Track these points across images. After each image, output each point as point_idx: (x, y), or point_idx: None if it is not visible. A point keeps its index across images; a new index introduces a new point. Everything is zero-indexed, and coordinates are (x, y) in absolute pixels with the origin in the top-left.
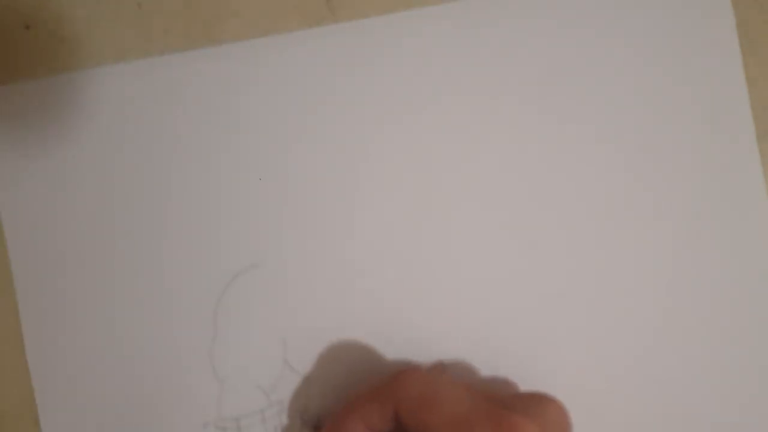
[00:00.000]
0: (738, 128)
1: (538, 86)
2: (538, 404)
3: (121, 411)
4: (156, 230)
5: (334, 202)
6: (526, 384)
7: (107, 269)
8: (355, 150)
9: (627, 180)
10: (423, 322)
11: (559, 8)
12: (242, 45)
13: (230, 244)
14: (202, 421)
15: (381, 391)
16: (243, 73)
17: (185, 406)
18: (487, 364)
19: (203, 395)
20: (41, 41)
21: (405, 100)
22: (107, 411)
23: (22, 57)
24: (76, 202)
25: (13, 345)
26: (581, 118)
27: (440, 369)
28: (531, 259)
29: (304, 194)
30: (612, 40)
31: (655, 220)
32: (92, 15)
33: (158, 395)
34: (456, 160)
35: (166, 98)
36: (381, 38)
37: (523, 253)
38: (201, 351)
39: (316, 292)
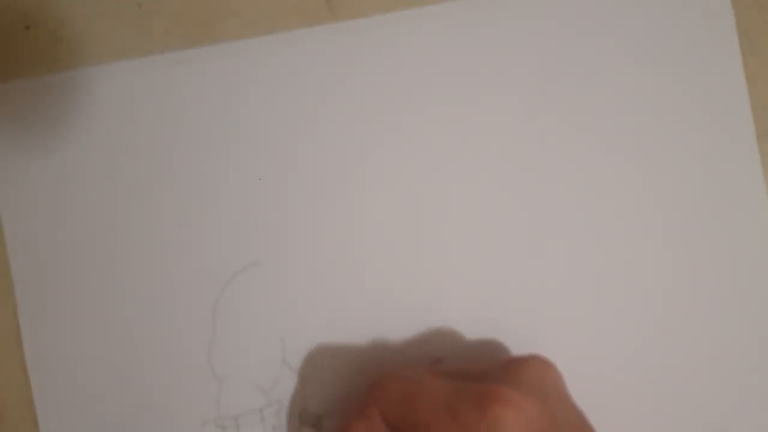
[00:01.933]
0: (738, 128)
1: (538, 85)
2: (517, 367)
3: (120, 410)
4: (155, 229)
5: (334, 201)
6: None
7: (106, 268)
8: (355, 149)
9: (627, 179)
10: (422, 321)
11: (558, 8)
12: (242, 44)
13: (229, 243)
14: (201, 420)
15: (363, 407)
16: (243, 72)
17: (184, 405)
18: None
19: (202, 394)
20: (41, 41)
21: (405, 99)
22: (106, 410)
23: (22, 57)
24: (76, 200)
25: (12, 344)
26: (581, 117)
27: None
28: (531, 258)
29: (303, 193)
30: (612, 40)
31: (654, 219)
32: (92, 15)
33: (157, 394)
34: (456, 159)
35: (166, 97)
36: (381, 37)
37: (523, 251)
38: (200, 350)
39: (315, 292)
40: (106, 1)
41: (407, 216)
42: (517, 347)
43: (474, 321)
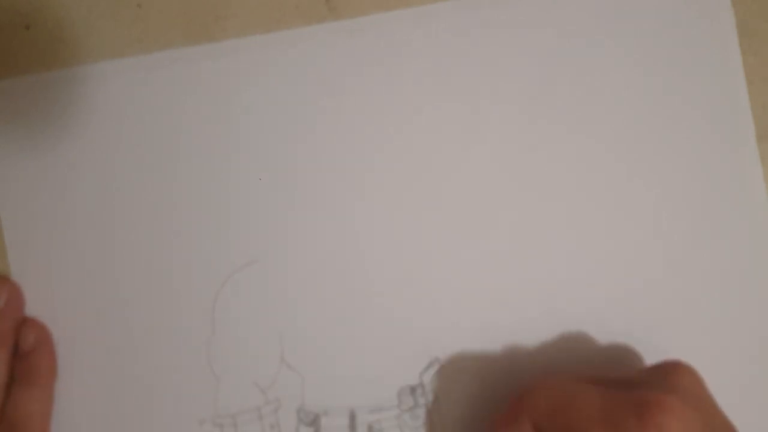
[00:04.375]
0: (738, 128)
1: (540, 85)
2: (672, 374)
3: (119, 407)
4: (155, 227)
5: (333, 199)
6: (519, 371)
7: (105, 267)
8: (354, 148)
9: (627, 181)
10: (420, 319)
11: (558, 8)
12: (242, 42)
13: (229, 241)
14: (198, 418)
15: (514, 417)
16: (243, 70)
17: (182, 403)
18: (486, 361)
19: (200, 392)
20: (41, 41)
21: (404, 97)
22: (104, 408)
23: (23, 57)
24: (75, 198)
25: None
26: (581, 118)
27: (437, 367)
28: (531, 259)
29: (303, 191)
30: (612, 41)
31: (655, 220)
32: (92, 15)
33: (156, 392)
34: (456, 158)
35: (166, 95)
36: (380, 36)
37: (523, 252)
38: (199, 348)
39: (314, 290)
40: (106, 1)
41: (406, 215)
42: (517, 345)
43: (474, 320)
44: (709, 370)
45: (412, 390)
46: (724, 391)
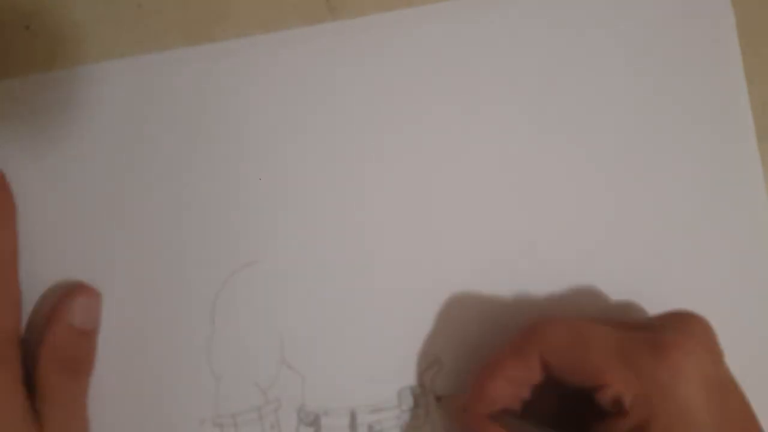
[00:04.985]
0: (738, 128)
1: (538, 85)
2: (684, 322)
3: (119, 407)
4: (154, 227)
5: (333, 199)
6: None
7: (105, 267)
8: (354, 148)
9: (626, 181)
10: (421, 319)
11: (558, 8)
12: (241, 42)
13: (228, 241)
14: (199, 418)
15: (523, 347)
16: (242, 71)
17: (182, 403)
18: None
19: (200, 392)
20: (41, 41)
21: (404, 98)
22: (104, 408)
23: (22, 57)
24: (75, 198)
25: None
26: (581, 118)
27: (437, 368)
28: (531, 259)
29: (302, 191)
30: (612, 41)
31: (655, 220)
32: (92, 16)
33: (156, 392)
34: (455, 158)
35: (166, 95)
36: (380, 36)
37: (524, 253)
38: (199, 348)
39: (314, 290)
40: (106, 1)
41: (406, 215)
42: None
43: (473, 321)
44: None
45: (413, 390)
46: None
